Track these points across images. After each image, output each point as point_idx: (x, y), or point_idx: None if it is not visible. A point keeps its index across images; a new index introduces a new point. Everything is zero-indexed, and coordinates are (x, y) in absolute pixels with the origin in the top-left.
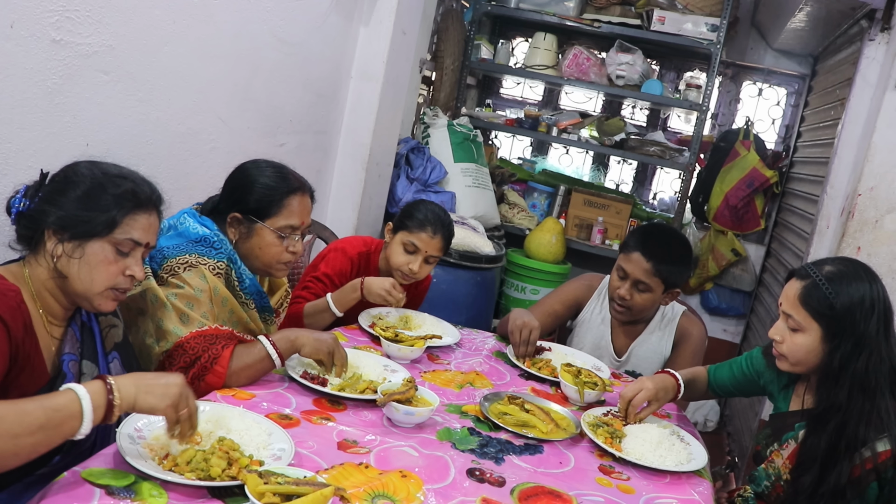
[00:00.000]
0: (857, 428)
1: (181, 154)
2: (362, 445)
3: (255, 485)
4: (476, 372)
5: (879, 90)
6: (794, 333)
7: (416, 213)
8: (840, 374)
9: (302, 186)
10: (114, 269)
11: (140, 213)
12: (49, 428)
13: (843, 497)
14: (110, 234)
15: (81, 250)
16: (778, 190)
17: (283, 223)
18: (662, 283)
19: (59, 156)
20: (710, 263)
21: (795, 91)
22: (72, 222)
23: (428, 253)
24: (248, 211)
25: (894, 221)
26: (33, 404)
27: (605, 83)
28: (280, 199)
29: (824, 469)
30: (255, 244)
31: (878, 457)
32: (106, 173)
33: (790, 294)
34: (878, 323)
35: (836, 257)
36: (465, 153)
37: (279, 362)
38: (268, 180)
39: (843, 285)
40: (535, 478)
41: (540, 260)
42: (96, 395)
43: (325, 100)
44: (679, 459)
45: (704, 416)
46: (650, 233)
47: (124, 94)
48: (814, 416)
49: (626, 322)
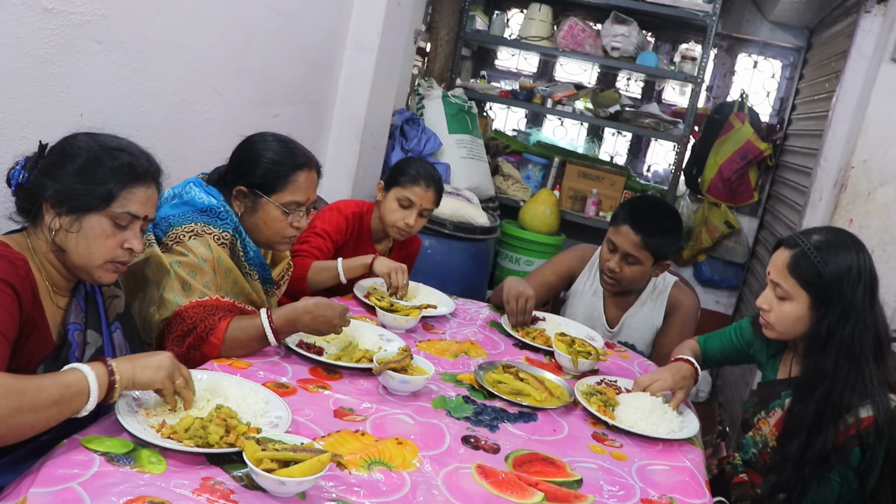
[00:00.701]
0: (843, 394)
1: (175, 125)
2: (358, 413)
3: (252, 451)
4: (471, 341)
5: (875, 62)
6: (782, 302)
7: (408, 169)
8: (827, 342)
9: (309, 162)
10: (111, 242)
11: (138, 186)
12: (62, 403)
13: (828, 462)
14: (107, 207)
15: (78, 224)
16: (772, 162)
17: (289, 199)
18: (652, 256)
19: (52, 126)
20: (704, 235)
21: (790, 63)
22: (68, 196)
23: (422, 206)
24: (253, 185)
25: (887, 194)
26: (48, 380)
27: (601, 55)
28: (286, 174)
29: (811, 435)
30: (259, 218)
31: (860, 423)
32: (103, 146)
33: (778, 263)
34: (864, 291)
35: (824, 226)
36: (459, 124)
37: (274, 343)
38: (275, 155)
39: (831, 254)
40: (529, 445)
41: (534, 231)
42: (100, 375)
43: (320, 70)
44: (671, 428)
45: (696, 387)
46: (639, 205)
47: (118, 64)
48: (800, 383)
49: (617, 293)
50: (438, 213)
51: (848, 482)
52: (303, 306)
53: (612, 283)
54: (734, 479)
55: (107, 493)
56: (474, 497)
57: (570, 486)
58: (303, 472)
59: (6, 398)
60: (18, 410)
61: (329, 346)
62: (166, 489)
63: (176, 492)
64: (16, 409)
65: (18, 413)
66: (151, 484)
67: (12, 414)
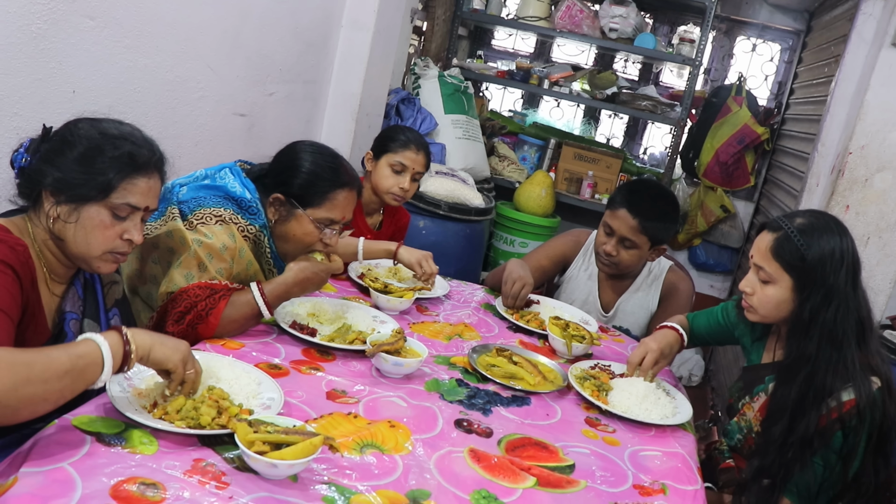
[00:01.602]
0: (825, 378)
1: (169, 102)
2: (351, 395)
3: (244, 433)
4: (464, 324)
5: (875, 47)
6: (765, 286)
7: (397, 136)
8: (810, 326)
9: (352, 182)
10: (110, 233)
11: (139, 177)
12: (74, 373)
13: (811, 446)
14: (106, 198)
15: (77, 214)
16: (769, 147)
17: (325, 215)
18: (649, 241)
19: (45, 103)
20: (699, 219)
21: (789, 47)
22: (67, 185)
23: (415, 170)
24: (291, 195)
25: (884, 180)
26: (57, 351)
27: (598, 36)
28: (326, 191)
29: (793, 419)
30: (291, 229)
31: (843, 406)
32: (104, 133)
33: (762, 246)
34: (846, 275)
35: (808, 210)
36: (455, 105)
37: (268, 315)
38: (318, 169)
39: (814, 237)
40: (521, 429)
41: (529, 213)
42: (114, 344)
43: (315, 49)
44: (664, 413)
45: (689, 371)
46: (637, 189)
47: (111, 41)
48: (783, 366)
49: (613, 277)
50: (433, 194)
51: (831, 466)
52: (293, 279)
53: (608, 266)
54: (721, 465)
55: (98, 473)
56: (466, 481)
57: (563, 471)
58: (295, 455)
59: (12, 369)
60: (28, 381)
61: (322, 327)
62: (157, 470)
63: (167, 473)
64: (24, 379)
65: (28, 384)
66: (143, 465)
67: (21, 385)
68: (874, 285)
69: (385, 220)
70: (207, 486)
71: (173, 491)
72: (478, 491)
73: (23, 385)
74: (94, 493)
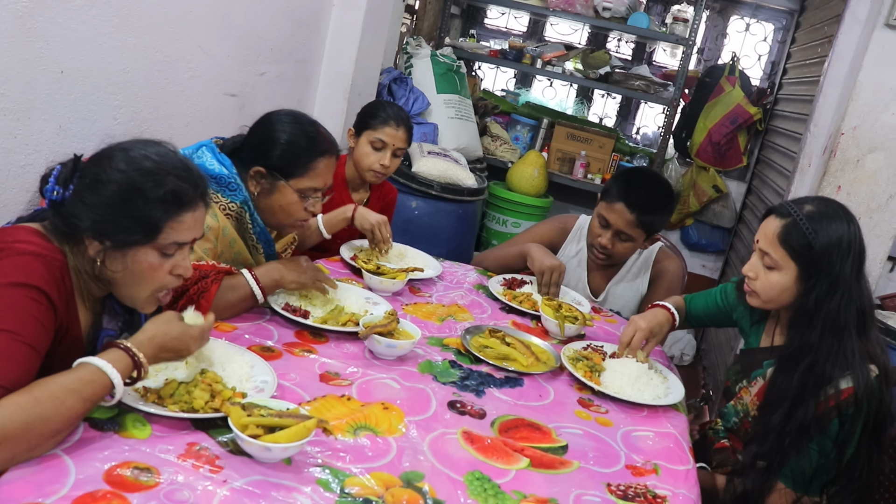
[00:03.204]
0: (825, 367)
1: (159, 82)
2: (344, 378)
3: (238, 417)
4: (457, 305)
5: (868, 27)
6: (770, 271)
7: (377, 112)
8: (814, 315)
9: (330, 149)
10: (160, 273)
11: (185, 214)
12: (84, 412)
13: (808, 433)
14: (154, 241)
15: (123, 260)
16: (761, 127)
17: (307, 184)
18: (645, 233)
19: (32, 84)
20: (692, 199)
21: (783, 27)
22: (110, 230)
23: (395, 146)
24: (272, 167)
25: (876, 161)
26: (73, 398)
27: (591, 15)
28: (307, 160)
29: (793, 407)
30: (275, 201)
31: (840, 394)
32: (141, 170)
33: (769, 232)
34: (852, 264)
35: (816, 196)
36: (447, 84)
37: (262, 298)
38: (298, 139)
39: (822, 225)
40: (515, 410)
41: (522, 193)
42: (119, 363)
43: (307, 28)
44: (656, 393)
45: (681, 350)
46: (634, 181)
47: (99, 20)
48: (785, 355)
49: (605, 266)
50: (426, 174)
51: (826, 452)
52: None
53: (602, 258)
54: (716, 445)
55: (91, 458)
56: (460, 462)
57: (556, 451)
58: (288, 438)
59: (30, 430)
60: (43, 437)
61: (315, 309)
62: (151, 454)
63: (161, 457)
64: (40, 435)
65: (44, 439)
66: (136, 449)
67: (38, 440)
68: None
69: (372, 195)
70: (201, 470)
71: (167, 475)
72: (471, 472)
73: (38, 441)
74: (87, 479)
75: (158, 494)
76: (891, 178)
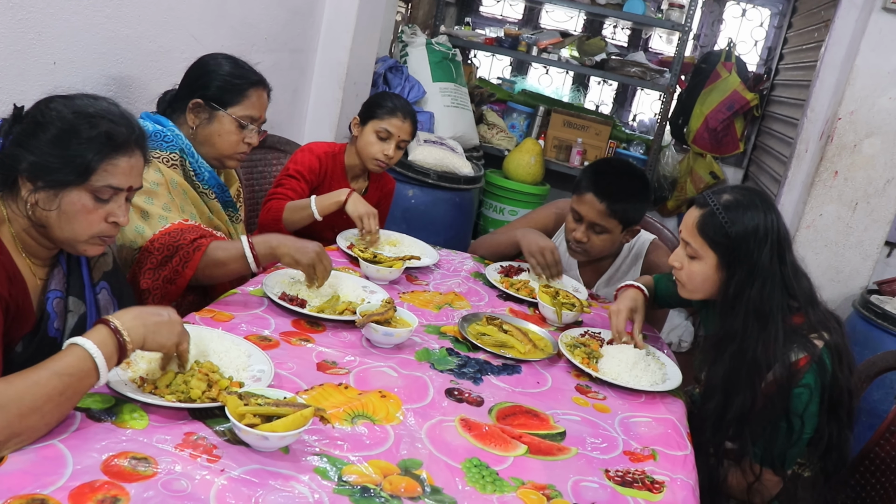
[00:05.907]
0: (756, 354)
1: (153, 73)
2: (342, 366)
3: (235, 406)
4: (454, 293)
5: (865, 11)
6: (692, 261)
7: (384, 102)
8: (735, 302)
9: (262, 81)
10: (94, 217)
11: (119, 157)
12: (68, 392)
13: (749, 423)
14: (86, 181)
15: (57, 200)
16: (758, 113)
17: (244, 113)
18: (620, 223)
19: (24, 75)
20: (689, 186)
21: (779, 12)
22: (43, 170)
23: (400, 138)
24: (209, 98)
25: (872, 146)
26: (46, 373)
27: (587, 1)
28: (243, 89)
29: (727, 396)
30: (214, 131)
31: (795, 364)
32: (79, 112)
33: (689, 222)
34: (770, 251)
35: (736, 185)
36: (443, 72)
37: (254, 265)
38: (231, 69)
39: (738, 214)
40: (512, 397)
41: (518, 181)
42: (105, 345)
43: (301, 17)
44: (654, 380)
45: (679, 337)
46: (602, 171)
47: (92, 10)
48: (712, 344)
49: (588, 262)
50: (422, 163)
51: (795, 429)
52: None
53: (580, 252)
54: None
55: (88, 448)
56: (458, 450)
57: (554, 438)
58: (286, 427)
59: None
60: (21, 415)
61: (312, 297)
62: (148, 444)
63: (158, 447)
64: (17, 415)
65: (22, 418)
66: (133, 439)
67: (16, 420)
68: (862, 250)
69: (371, 185)
70: (199, 460)
71: (165, 465)
72: (469, 459)
73: (17, 420)
74: (85, 469)
75: (156, 484)
76: (888, 163)
